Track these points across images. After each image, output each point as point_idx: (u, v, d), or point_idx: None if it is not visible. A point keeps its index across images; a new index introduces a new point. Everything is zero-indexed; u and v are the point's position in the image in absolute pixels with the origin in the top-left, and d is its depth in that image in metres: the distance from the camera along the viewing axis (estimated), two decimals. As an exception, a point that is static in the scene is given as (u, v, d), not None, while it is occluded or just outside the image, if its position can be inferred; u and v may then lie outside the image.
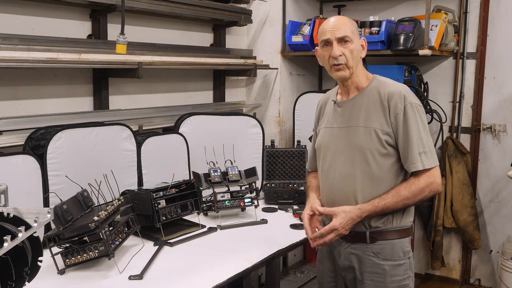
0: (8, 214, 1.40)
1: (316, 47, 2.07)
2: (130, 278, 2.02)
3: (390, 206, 1.91)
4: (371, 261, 1.97)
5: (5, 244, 1.24)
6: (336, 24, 1.96)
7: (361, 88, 2.01)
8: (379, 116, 1.94)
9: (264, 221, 2.80)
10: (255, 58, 3.93)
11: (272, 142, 3.50)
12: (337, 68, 1.97)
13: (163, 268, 2.15)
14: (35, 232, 1.40)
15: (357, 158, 1.96)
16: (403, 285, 1.97)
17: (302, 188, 3.21)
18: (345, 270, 2.05)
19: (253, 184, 2.95)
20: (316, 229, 2.04)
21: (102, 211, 2.11)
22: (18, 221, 1.39)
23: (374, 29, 3.52)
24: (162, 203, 2.52)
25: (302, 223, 2.72)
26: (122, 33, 2.49)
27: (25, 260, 1.42)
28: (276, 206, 3.13)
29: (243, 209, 2.93)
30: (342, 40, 1.94)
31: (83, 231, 2.06)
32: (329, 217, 2.04)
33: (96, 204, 2.30)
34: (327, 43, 1.97)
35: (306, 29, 3.79)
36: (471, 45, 3.89)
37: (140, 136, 2.86)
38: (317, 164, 2.17)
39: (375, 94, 1.97)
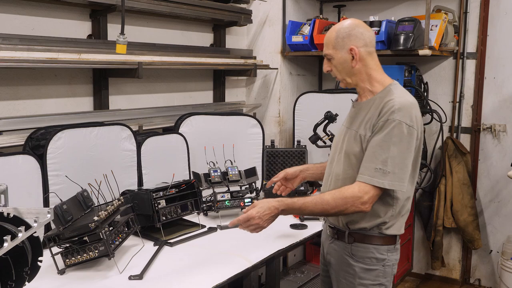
0: (8, 214, 1.40)
1: None
2: (130, 278, 2.02)
3: (309, 206, 1.90)
4: (346, 261, 2.01)
5: (5, 244, 1.24)
6: (325, 39, 2.02)
7: (374, 93, 1.99)
8: (370, 123, 1.92)
9: (264, 221, 2.79)
10: (255, 58, 3.93)
11: (272, 142, 3.50)
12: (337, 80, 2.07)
13: (163, 268, 2.15)
14: (35, 232, 1.40)
15: (345, 161, 1.99)
16: None
17: (302, 188, 3.21)
18: (328, 265, 2.13)
19: (253, 184, 2.95)
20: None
21: (102, 211, 2.11)
22: (18, 221, 1.39)
23: (374, 29, 3.52)
24: (162, 203, 2.52)
25: (302, 223, 2.74)
26: (122, 33, 2.50)
27: (25, 260, 1.42)
28: (276, 206, 3.12)
29: (243, 209, 2.93)
30: (326, 57, 2.01)
31: (83, 231, 2.05)
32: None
33: (96, 204, 2.30)
34: None
35: (306, 29, 3.79)
36: (471, 45, 3.89)
37: (140, 136, 2.86)
38: None
39: (380, 102, 1.94)
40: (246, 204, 2.84)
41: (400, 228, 2.00)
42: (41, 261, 1.47)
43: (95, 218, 2.04)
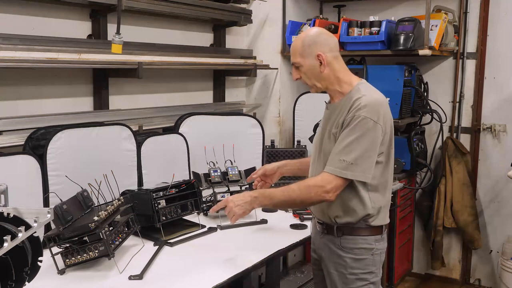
0: (8, 214, 1.40)
1: None
2: (130, 278, 2.02)
3: (278, 194, 2.02)
4: (336, 253, 2.08)
5: (5, 244, 1.24)
6: (291, 49, 2.10)
7: (344, 94, 2.06)
8: (340, 121, 1.99)
9: (264, 221, 2.80)
10: (255, 58, 3.93)
11: (272, 142, 3.50)
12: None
13: (163, 268, 2.15)
14: (35, 232, 1.40)
15: (324, 160, 2.03)
16: (361, 278, 2.05)
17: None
18: (320, 259, 2.19)
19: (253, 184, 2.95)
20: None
21: (102, 211, 2.11)
22: (18, 221, 1.40)
23: (374, 29, 3.52)
24: (162, 203, 2.52)
25: (302, 223, 2.74)
26: (118, 32, 2.50)
27: (25, 260, 1.42)
28: (276, 206, 3.13)
29: (243, 209, 2.93)
30: (295, 66, 2.09)
31: (83, 231, 2.05)
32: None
33: (96, 204, 2.31)
34: None
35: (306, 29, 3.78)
36: (471, 45, 3.89)
37: (140, 136, 2.86)
38: None
39: (349, 101, 2.00)
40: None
41: (384, 218, 2.08)
42: (41, 261, 1.47)
43: (95, 218, 2.04)
